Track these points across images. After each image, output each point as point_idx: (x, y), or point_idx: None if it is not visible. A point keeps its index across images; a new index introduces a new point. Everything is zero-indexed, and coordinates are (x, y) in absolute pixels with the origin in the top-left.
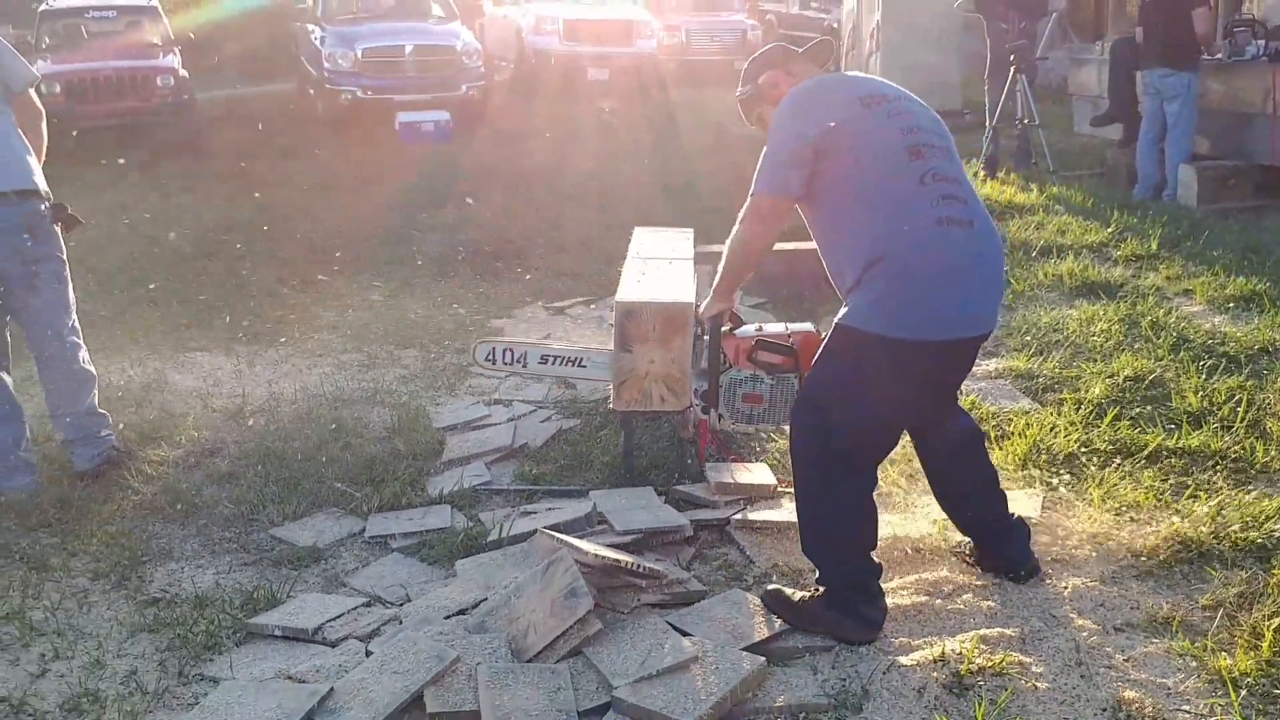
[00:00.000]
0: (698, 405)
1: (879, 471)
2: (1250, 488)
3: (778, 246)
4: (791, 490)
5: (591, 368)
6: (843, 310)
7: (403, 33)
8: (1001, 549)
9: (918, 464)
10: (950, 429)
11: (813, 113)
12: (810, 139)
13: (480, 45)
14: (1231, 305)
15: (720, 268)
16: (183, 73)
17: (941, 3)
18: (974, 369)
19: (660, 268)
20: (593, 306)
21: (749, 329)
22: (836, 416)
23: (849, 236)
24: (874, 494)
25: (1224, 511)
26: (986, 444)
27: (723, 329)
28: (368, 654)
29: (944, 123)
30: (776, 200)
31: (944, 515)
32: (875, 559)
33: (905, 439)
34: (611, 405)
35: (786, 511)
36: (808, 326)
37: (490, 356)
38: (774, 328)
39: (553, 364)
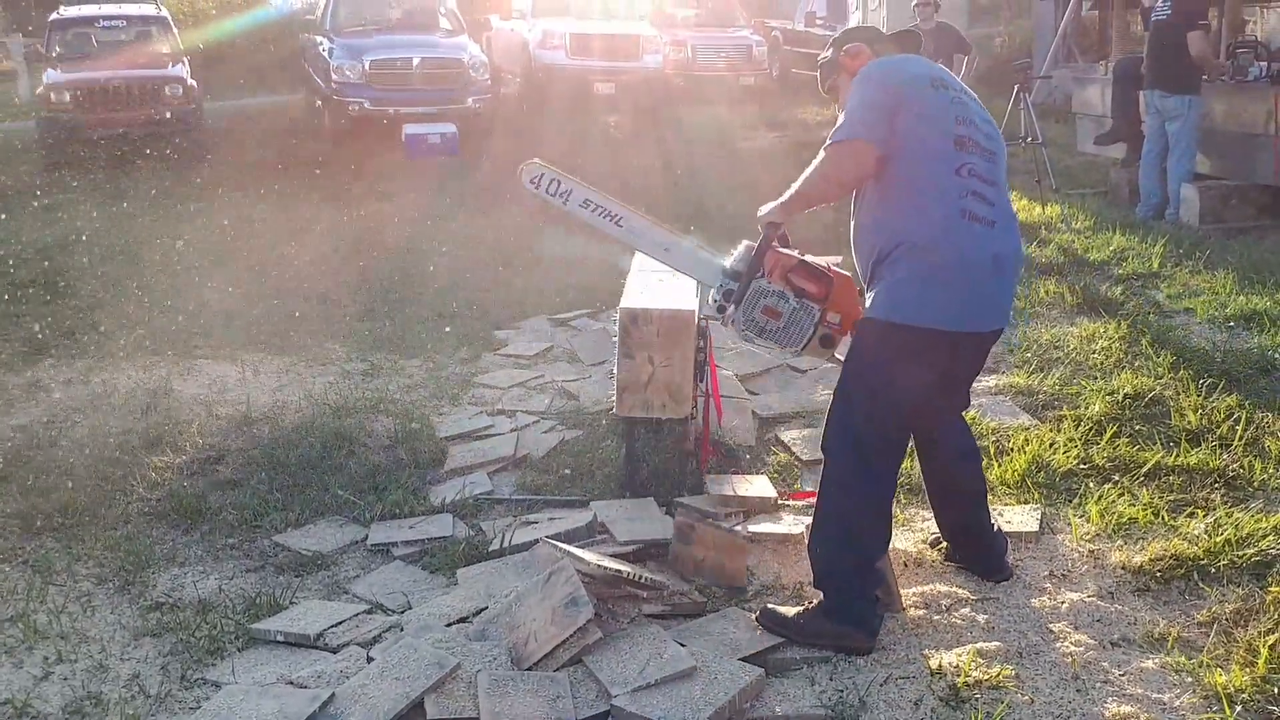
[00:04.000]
0: (718, 302)
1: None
2: (1248, 505)
3: None
4: (791, 503)
5: (626, 229)
6: (864, 305)
7: (410, 45)
8: (982, 558)
9: (916, 478)
10: (953, 445)
11: (893, 80)
12: (887, 104)
13: (487, 59)
14: (1232, 324)
15: (794, 187)
16: (191, 82)
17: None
18: (974, 385)
19: (663, 279)
20: (597, 319)
21: (793, 253)
22: (860, 407)
23: (881, 211)
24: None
25: (1221, 528)
26: (984, 461)
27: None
28: (369, 660)
29: (997, 126)
30: (861, 142)
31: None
32: (878, 568)
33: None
34: (614, 410)
35: (786, 524)
36: (848, 274)
37: (535, 180)
38: (817, 259)
39: (593, 211)
